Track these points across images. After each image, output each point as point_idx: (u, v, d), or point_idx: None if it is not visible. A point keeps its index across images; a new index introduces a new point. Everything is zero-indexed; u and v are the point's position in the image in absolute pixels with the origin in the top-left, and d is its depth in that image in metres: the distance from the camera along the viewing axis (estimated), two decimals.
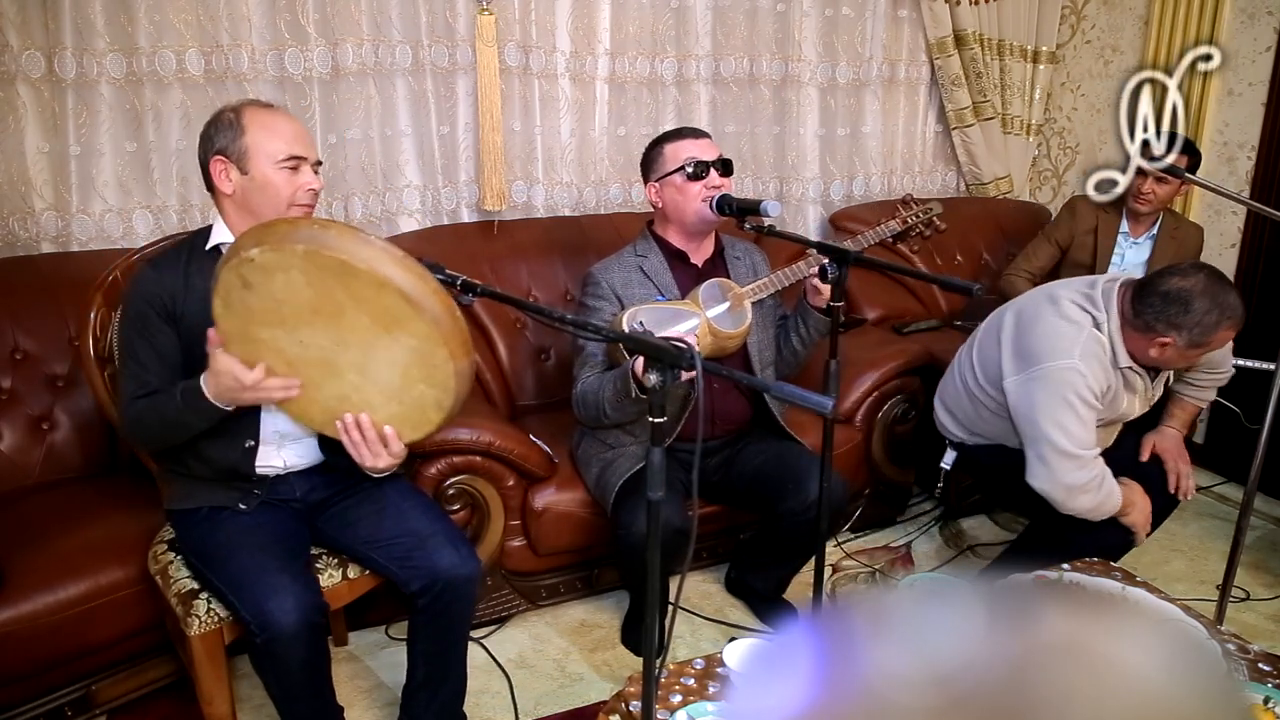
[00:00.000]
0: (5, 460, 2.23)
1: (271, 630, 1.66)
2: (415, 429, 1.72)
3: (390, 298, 1.54)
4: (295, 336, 1.63)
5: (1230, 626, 2.32)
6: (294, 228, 1.58)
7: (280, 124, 1.79)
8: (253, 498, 1.85)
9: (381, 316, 1.56)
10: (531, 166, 3.05)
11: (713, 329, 2.21)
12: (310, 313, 1.59)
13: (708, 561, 2.74)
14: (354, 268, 1.52)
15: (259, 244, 1.54)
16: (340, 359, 1.64)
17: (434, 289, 1.56)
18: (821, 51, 3.46)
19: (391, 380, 1.65)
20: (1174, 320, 2.08)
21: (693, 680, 1.69)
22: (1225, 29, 3.29)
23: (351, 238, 1.55)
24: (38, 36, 2.40)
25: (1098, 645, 0.33)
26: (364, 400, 1.69)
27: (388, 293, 1.53)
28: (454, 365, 1.60)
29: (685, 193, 2.28)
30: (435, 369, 1.61)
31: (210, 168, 1.78)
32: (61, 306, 2.32)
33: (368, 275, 1.52)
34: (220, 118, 1.78)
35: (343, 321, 1.59)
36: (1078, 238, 3.13)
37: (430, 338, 1.57)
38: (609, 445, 2.33)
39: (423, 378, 1.63)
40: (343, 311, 1.57)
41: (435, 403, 1.66)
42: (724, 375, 1.60)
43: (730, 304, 2.27)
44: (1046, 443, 2.16)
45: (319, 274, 1.54)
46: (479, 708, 2.18)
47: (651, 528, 1.40)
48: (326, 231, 1.55)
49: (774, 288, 2.35)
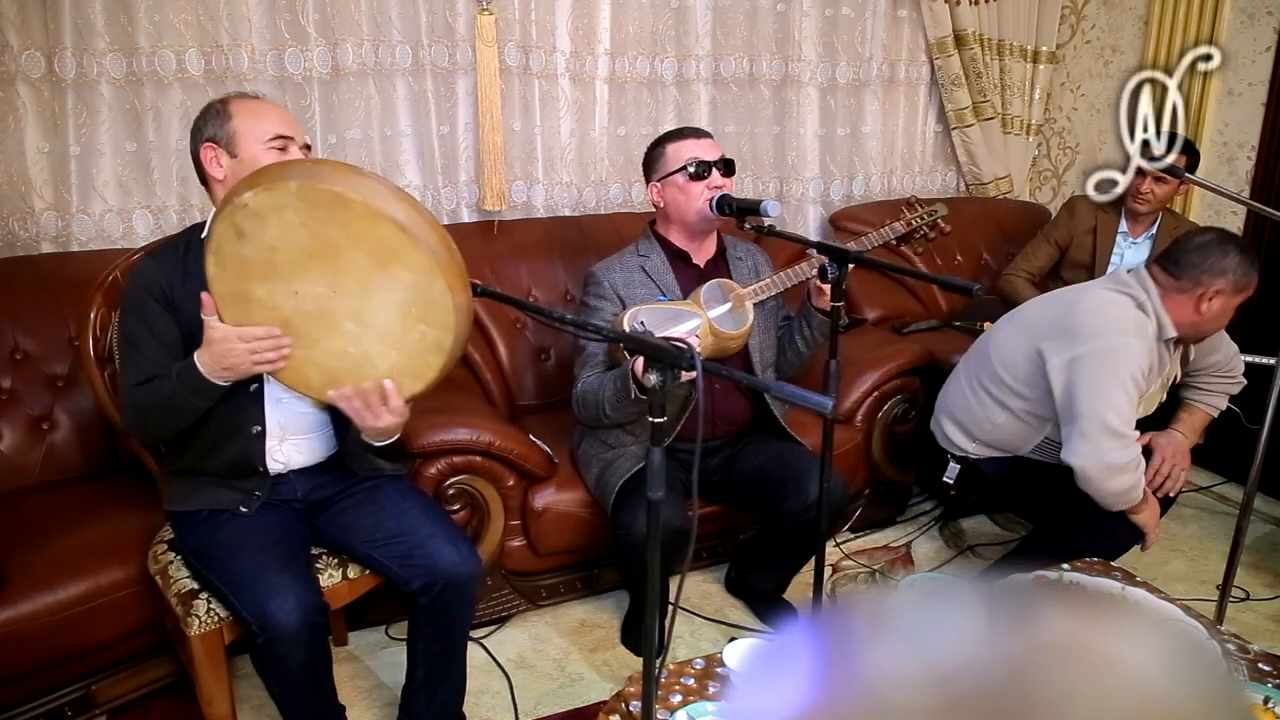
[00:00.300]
0: (5, 460, 2.23)
1: (273, 630, 1.66)
2: (416, 378, 1.67)
3: (386, 229, 1.50)
4: (290, 288, 1.59)
5: (1230, 626, 2.32)
6: (286, 167, 1.57)
7: (265, 108, 1.83)
8: (254, 499, 1.85)
9: (378, 251, 1.53)
10: (531, 166, 3.05)
11: (714, 329, 2.21)
12: (305, 257, 1.56)
13: (708, 561, 2.74)
14: (348, 199, 1.49)
15: (252, 187, 1.52)
16: (337, 307, 1.60)
17: (429, 220, 1.54)
18: (821, 51, 3.46)
19: (390, 324, 1.60)
20: (1217, 266, 2.11)
21: (693, 680, 1.69)
22: (1225, 29, 3.29)
23: (345, 171, 1.53)
24: (38, 36, 2.40)
25: (1098, 645, 0.34)
26: (363, 353, 1.64)
27: (383, 224, 1.50)
28: (453, 298, 1.56)
29: (687, 193, 2.28)
30: (434, 304, 1.57)
31: (201, 156, 1.80)
32: (61, 306, 2.32)
33: (362, 206, 1.49)
34: (208, 109, 1.83)
35: (338, 263, 1.55)
36: (1076, 238, 3.13)
37: (428, 269, 1.53)
38: (609, 445, 2.33)
39: (421, 316, 1.58)
40: (338, 251, 1.54)
41: (435, 344, 1.61)
42: (724, 375, 1.60)
43: (732, 305, 2.27)
44: (1094, 419, 2.13)
45: (312, 211, 1.51)
46: (479, 708, 2.18)
47: (651, 528, 1.40)
48: (319, 167, 1.55)
49: (776, 289, 2.35)
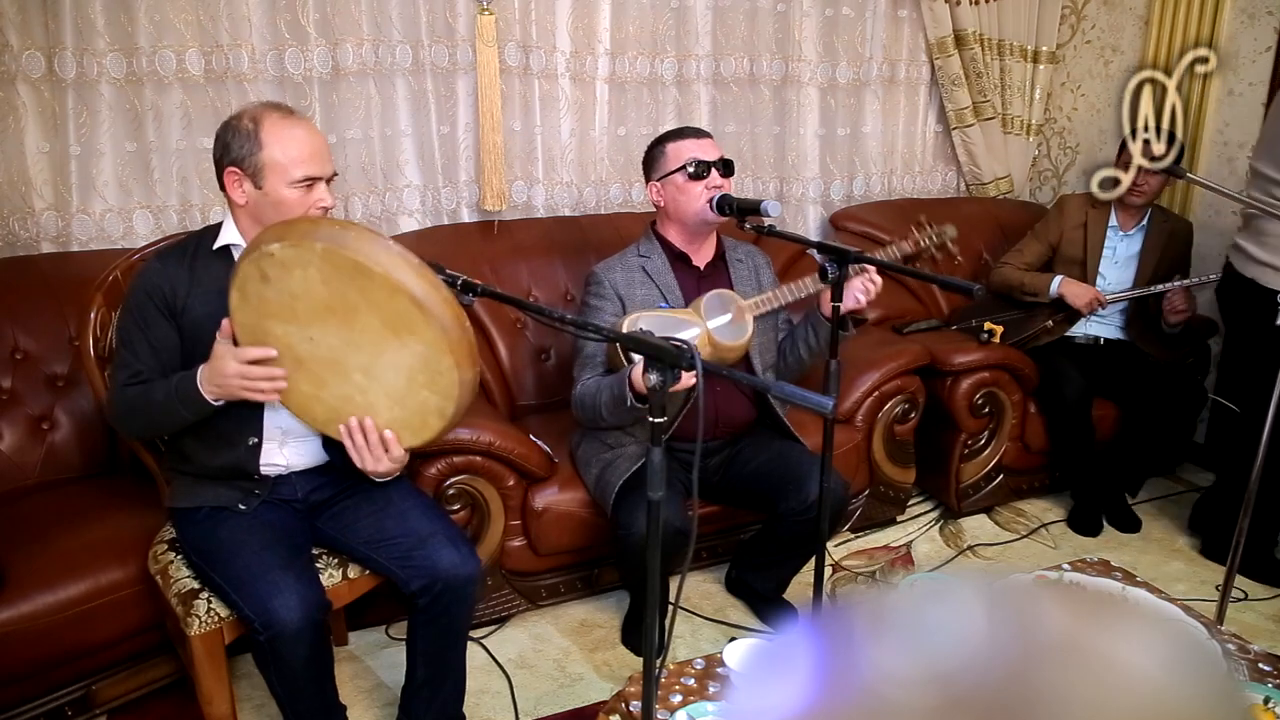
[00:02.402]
0: (5, 460, 2.23)
1: (275, 628, 1.66)
2: (415, 434, 1.74)
3: (402, 303, 1.56)
4: (306, 333, 1.65)
5: (1230, 626, 2.32)
6: (315, 226, 1.61)
7: (299, 140, 1.75)
8: (253, 498, 1.85)
9: (392, 320, 1.59)
10: (531, 166, 3.05)
11: (713, 340, 2.22)
12: (323, 311, 1.61)
13: (708, 561, 2.74)
14: (370, 270, 1.54)
15: (280, 240, 1.57)
16: (348, 359, 1.66)
17: (445, 298, 1.58)
18: (821, 51, 3.46)
19: (396, 384, 1.66)
20: None
21: (693, 680, 1.69)
22: (1225, 29, 3.29)
23: (370, 241, 1.57)
24: (38, 36, 2.40)
25: (1098, 645, 0.33)
26: (367, 402, 1.70)
27: (400, 298, 1.55)
28: (458, 374, 1.62)
29: (687, 192, 2.28)
30: (440, 375, 1.62)
31: (224, 176, 1.77)
32: (61, 306, 2.32)
33: (382, 279, 1.55)
34: (239, 125, 1.75)
35: (354, 322, 1.61)
36: (1067, 233, 3.15)
37: (437, 345, 1.59)
38: (609, 445, 2.33)
39: (427, 383, 1.64)
40: (355, 312, 1.60)
41: (437, 410, 1.67)
42: (724, 376, 1.60)
43: (732, 316, 2.27)
44: None
45: (335, 273, 1.56)
46: (479, 708, 2.18)
47: (651, 528, 1.40)
48: (346, 232, 1.58)
49: (778, 303, 2.35)
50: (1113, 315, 3.13)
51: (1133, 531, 3.06)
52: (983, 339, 2.99)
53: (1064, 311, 3.04)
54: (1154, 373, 2.99)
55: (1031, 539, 3.04)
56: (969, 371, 2.94)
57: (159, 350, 1.78)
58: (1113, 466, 3.07)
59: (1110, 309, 3.10)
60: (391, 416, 1.71)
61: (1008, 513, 3.17)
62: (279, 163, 1.73)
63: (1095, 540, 3.02)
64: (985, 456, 3.07)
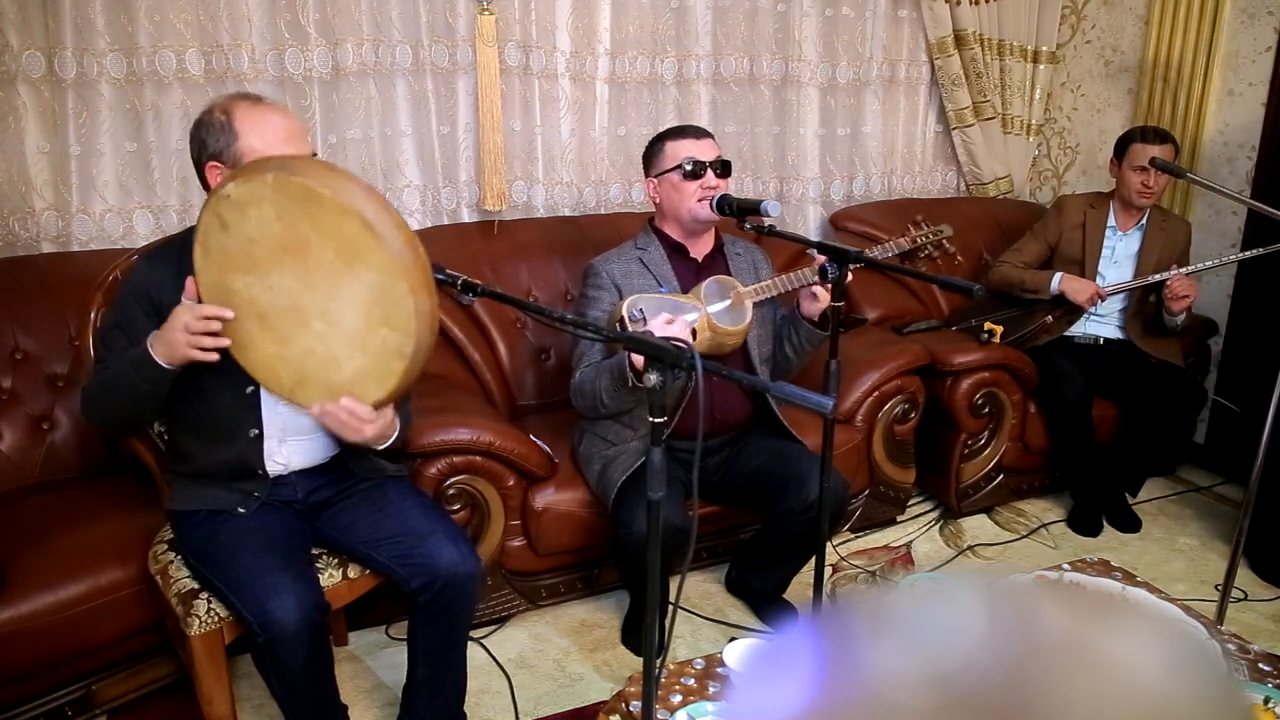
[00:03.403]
0: (5, 460, 2.23)
1: (273, 630, 1.66)
2: (380, 384, 1.68)
3: (352, 226, 1.53)
4: (266, 281, 1.63)
5: (1230, 626, 2.32)
6: (265, 161, 1.61)
7: (273, 123, 1.75)
8: (253, 500, 1.84)
9: (344, 249, 1.56)
10: (531, 166, 3.05)
11: (712, 324, 2.22)
12: (279, 250, 1.59)
13: (708, 561, 2.74)
14: (318, 194, 1.52)
15: (233, 179, 1.58)
16: (307, 303, 1.63)
17: (397, 221, 1.55)
18: (821, 51, 3.46)
19: (355, 325, 1.62)
20: None
21: (693, 680, 1.69)
22: (1225, 29, 3.29)
23: (319, 166, 1.57)
24: (38, 36, 2.40)
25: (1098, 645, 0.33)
26: (329, 353, 1.66)
27: (350, 220, 1.53)
28: (414, 301, 1.57)
29: (681, 191, 2.29)
30: (395, 306, 1.58)
31: (205, 173, 1.75)
32: (61, 306, 2.32)
33: (331, 202, 1.52)
34: (210, 119, 1.74)
35: (308, 258, 1.58)
36: (1065, 233, 3.16)
37: (390, 269, 1.55)
38: (611, 443, 2.33)
39: (384, 319, 1.60)
40: (308, 245, 1.57)
41: (396, 349, 1.62)
42: (724, 376, 1.60)
43: (731, 302, 2.27)
44: None
45: (286, 203, 1.55)
46: (479, 708, 2.18)
47: (651, 528, 1.40)
48: (294, 161, 1.58)
49: (776, 290, 2.35)
50: (1112, 315, 3.13)
51: (1133, 531, 3.06)
52: (983, 339, 2.99)
53: (1064, 308, 3.05)
54: (1154, 373, 2.99)
55: (1031, 539, 3.04)
56: (969, 371, 2.94)
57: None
58: (1113, 466, 3.07)
59: (1110, 309, 3.10)
60: (354, 367, 1.67)
61: (1008, 513, 3.17)
62: (256, 149, 1.71)
63: (1095, 540, 3.02)
64: (985, 456, 3.07)
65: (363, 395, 1.69)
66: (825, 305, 2.22)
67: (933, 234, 2.52)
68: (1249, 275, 3.30)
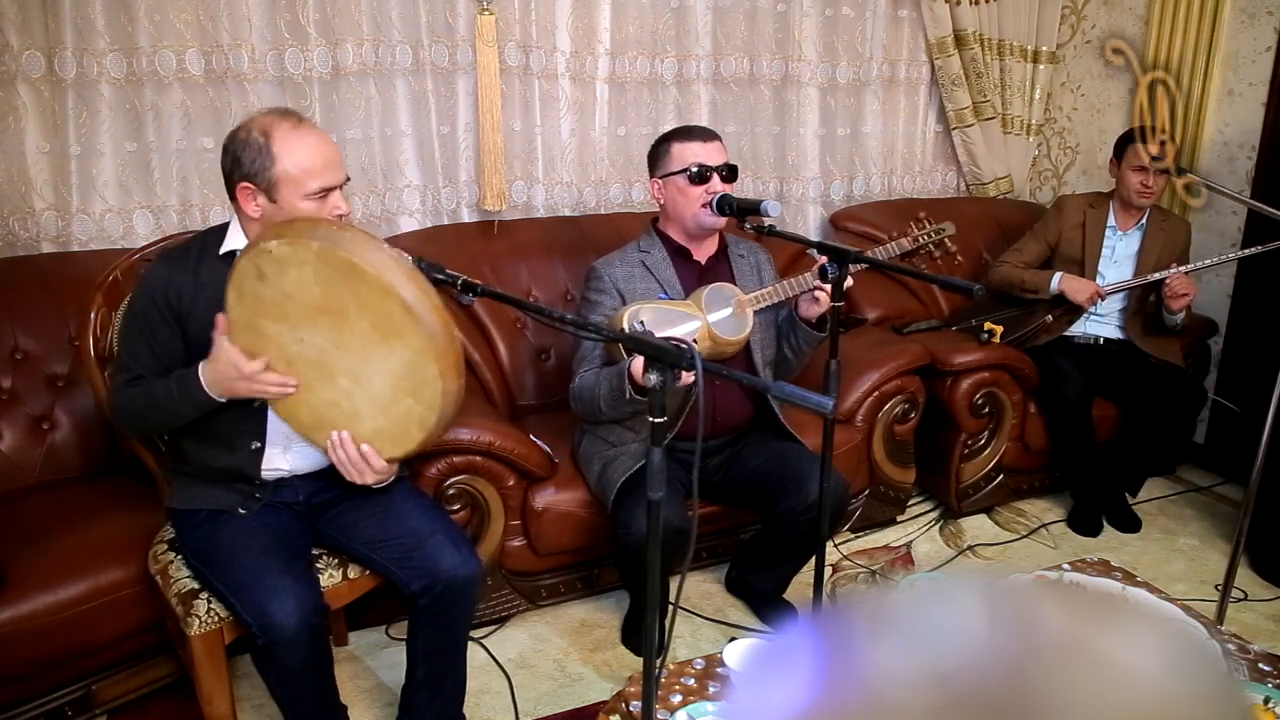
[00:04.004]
0: (5, 460, 2.23)
1: (272, 632, 1.66)
2: (396, 445, 1.74)
3: (392, 306, 1.57)
4: (297, 334, 1.66)
5: (1230, 626, 2.32)
6: (313, 226, 1.62)
7: (312, 150, 1.71)
8: (254, 501, 1.84)
9: (382, 323, 1.60)
10: (531, 166, 3.05)
11: (712, 334, 2.22)
12: (316, 311, 1.62)
13: (708, 561, 2.74)
14: (362, 271, 1.55)
15: (278, 237, 1.59)
16: (336, 363, 1.67)
17: (435, 305, 1.59)
18: (821, 51, 3.46)
19: (382, 391, 1.67)
20: None
21: (693, 680, 1.69)
22: (1225, 29, 3.29)
23: (365, 243, 1.59)
24: (38, 36, 2.40)
25: (1098, 645, 0.33)
26: (352, 408, 1.71)
27: (390, 300, 1.57)
28: (442, 384, 1.63)
29: (686, 195, 2.28)
30: (424, 384, 1.63)
31: (236, 191, 1.73)
32: (61, 306, 2.32)
33: (374, 280, 1.56)
34: (249, 138, 1.70)
35: (344, 324, 1.62)
36: (1065, 233, 3.16)
37: (424, 351, 1.60)
38: (611, 444, 2.33)
39: (411, 391, 1.65)
40: (346, 313, 1.61)
41: (419, 420, 1.68)
42: (725, 375, 1.60)
43: (733, 310, 2.27)
44: None
45: (329, 272, 1.58)
46: (479, 708, 2.18)
47: (651, 528, 1.40)
48: (342, 233, 1.59)
49: (778, 298, 2.35)
50: (1112, 315, 3.13)
51: (1133, 531, 3.06)
52: (983, 339, 2.99)
53: (1063, 307, 3.05)
54: (1154, 373, 2.99)
55: (1031, 539, 3.04)
56: (969, 371, 2.94)
57: (160, 355, 1.78)
58: (1113, 466, 3.07)
59: (1110, 308, 3.10)
60: (375, 425, 1.72)
61: (1008, 513, 3.17)
62: (293, 176, 1.69)
63: (1095, 540, 3.02)
64: (985, 456, 3.07)
65: (379, 450, 1.75)
66: (826, 308, 2.21)
67: (934, 232, 2.52)
68: (1249, 275, 3.30)
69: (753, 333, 2.31)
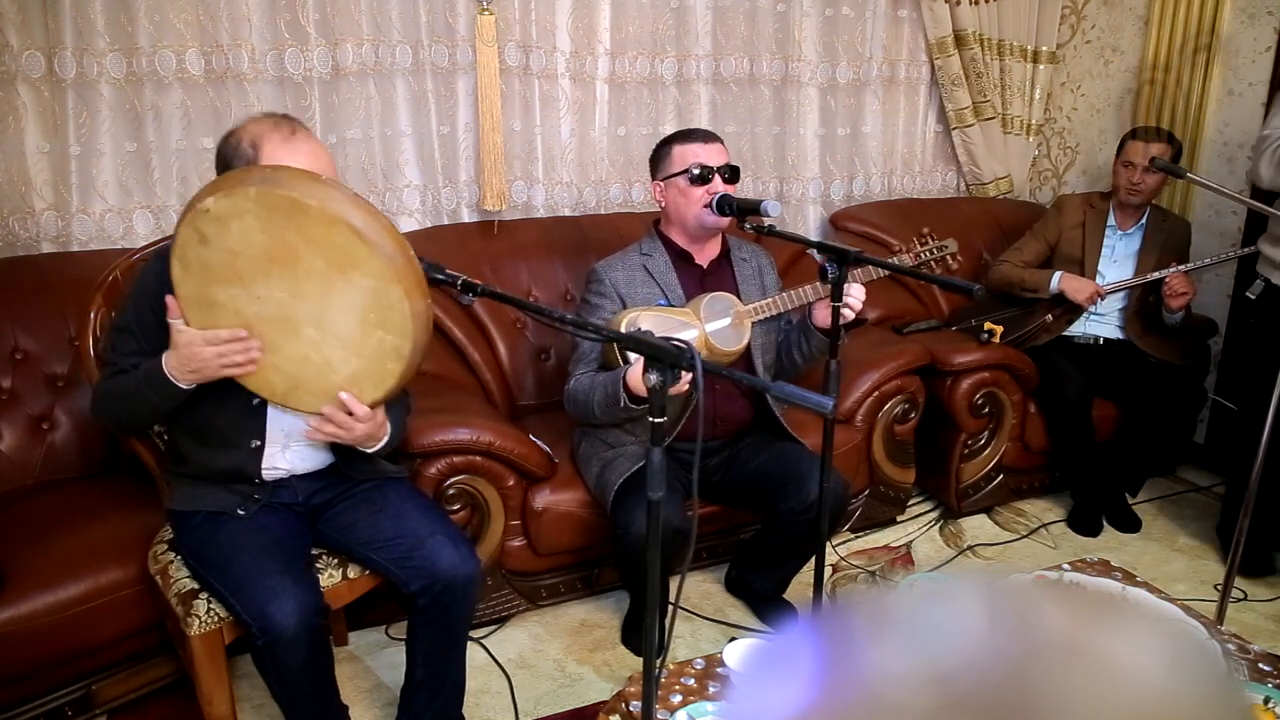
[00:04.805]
0: (5, 460, 2.23)
1: (273, 633, 1.66)
2: (377, 385, 1.69)
3: (342, 235, 1.52)
4: (252, 293, 1.61)
5: (1230, 626, 2.32)
6: (246, 173, 1.58)
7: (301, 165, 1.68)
8: (253, 502, 1.84)
9: (335, 257, 1.55)
10: (531, 166, 3.05)
11: (710, 344, 2.22)
12: (266, 262, 1.57)
13: (708, 561, 2.74)
14: (305, 205, 1.51)
15: (213, 193, 1.54)
16: (298, 312, 1.62)
17: (386, 226, 1.55)
18: (821, 51, 3.46)
19: (349, 329, 1.62)
20: None
21: (693, 680, 1.69)
22: (1225, 29, 3.29)
23: (302, 177, 1.54)
24: (38, 36, 2.40)
25: (1098, 645, 0.33)
26: (323, 359, 1.66)
27: (339, 230, 1.52)
28: (409, 304, 1.57)
29: (688, 196, 2.28)
30: (391, 309, 1.58)
31: None
32: (61, 306, 2.32)
33: (318, 213, 1.51)
34: (239, 147, 1.69)
35: (297, 268, 1.57)
36: (1065, 232, 3.16)
37: (384, 274, 1.55)
38: (609, 445, 2.33)
39: (379, 322, 1.60)
40: (297, 256, 1.55)
41: (394, 350, 1.63)
42: (724, 375, 1.60)
43: (732, 321, 2.27)
44: None
45: (271, 216, 1.52)
46: (479, 708, 2.18)
47: (651, 528, 1.40)
48: (278, 173, 1.55)
49: (778, 309, 2.34)
50: (1112, 314, 3.13)
51: (1133, 531, 3.06)
52: (983, 339, 2.99)
53: (1063, 307, 3.05)
54: (1154, 373, 2.99)
55: (1031, 539, 3.04)
56: (969, 371, 2.94)
57: (147, 352, 1.76)
58: (1113, 466, 3.07)
59: (1110, 308, 3.10)
60: (350, 370, 1.67)
61: (1008, 513, 3.17)
62: None
63: (1095, 540, 3.02)
64: (985, 456, 3.07)
65: (360, 396, 1.70)
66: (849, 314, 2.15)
67: (937, 249, 2.49)
68: (1249, 275, 3.30)
69: (752, 339, 2.31)
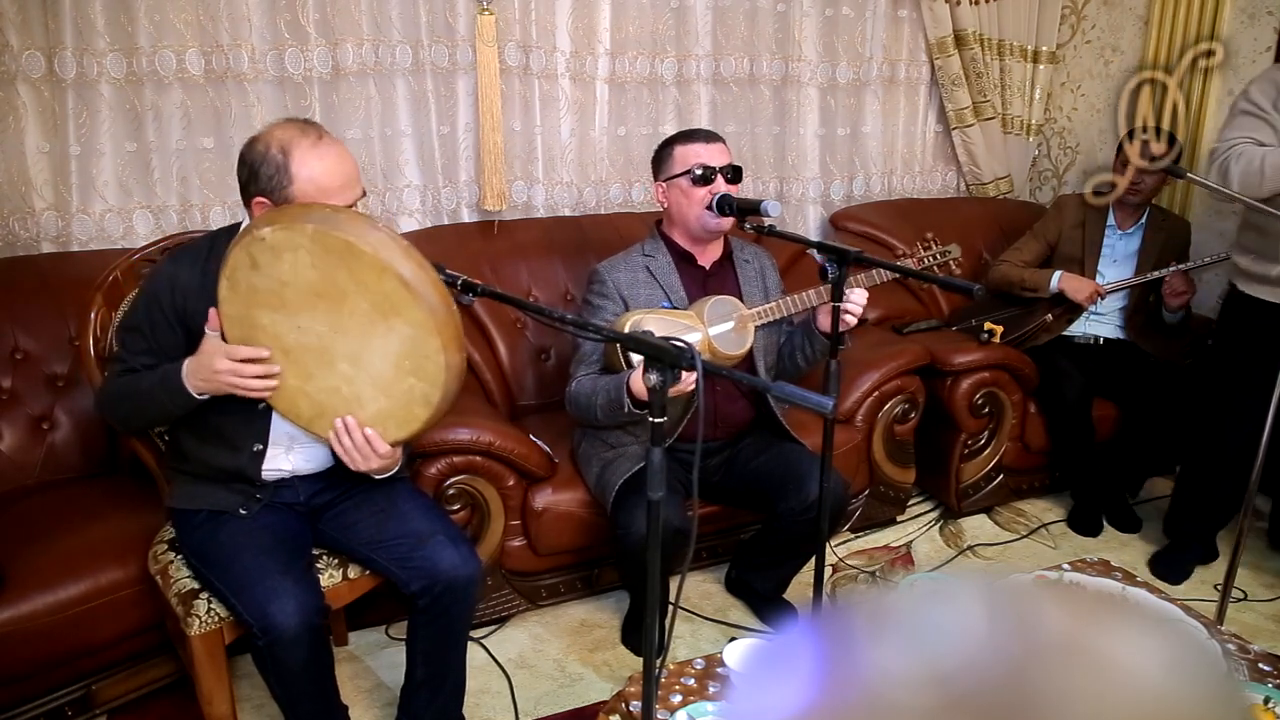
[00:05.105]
0: (5, 460, 2.23)
1: (273, 633, 1.66)
2: (401, 426, 1.72)
3: (390, 283, 1.56)
4: (294, 322, 1.64)
5: (1230, 626, 2.32)
6: (307, 210, 1.62)
7: (331, 171, 1.68)
8: (254, 502, 1.84)
9: (380, 302, 1.59)
10: (532, 166, 3.05)
11: (713, 347, 2.22)
12: (312, 296, 1.61)
13: (708, 561, 2.74)
14: (359, 250, 1.55)
15: (271, 224, 1.58)
16: (335, 347, 1.65)
17: (433, 280, 1.58)
18: (821, 51, 3.46)
19: (383, 371, 1.66)
20: None
21: (693, 680, 1.69)
22: (1225, 29, 3.28)
23: (360, 222, 1.58)
24: (38, 36, 2.40)
25: (1098, 645, 0.33)
26: (354, 393, 1.69)
27: (388, 278, 1.56)
28: (445, 358, 1.61)
29: (690, 197, 2.28)
30: (426, 360, 1.62)
31: (251, 204, 1.71)
32: (61, 306, 2.32)
33: (371, 259, 1.55)
34: (267, 154, 1.67)
35: (342, 307, 1.61)
36: (1065, 232, 3.16)
37: (424, 326, 1.59)
38: (610, 445, 2.33)
39: (413, 369, 1.64)
40: (344, 296, 1.60)
41: (423, 397, 1.67)
42: (724, 376, 1.60)
43: (734, 325, 2.27)
44: None
45: (324, 255, 1.57)
46: (479, 708, 2.18)
47: (651, 528, 1.40)
48: (337, 215, 1.59)
49: (781, 313, 2.34)
50: (1112, 314, 3.13)
51: (1133, 531, 3.06)
52: (983, 339, 2.99)
53: (1063, 306, 3.05)
54: (1154, 372, 2.99)
55: (1031, 539, 3.04)
56: (969, 371, 2.94)
57: (158, 352, 1.77)
58: (1113, 466, 3.07)
59: (1110, 308, 3.10)
60: (377, 408, 1.70)
61: (1008, 513, 3.17)
62: (310, 196, 1.67)
63: (1095, 540, 3.02)
64: (985, 456, 3.07)
65: (383, 434, 1.74)
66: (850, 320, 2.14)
67: (940, 254, 2.49)
68: None
69: (755, 342, 2.31)
